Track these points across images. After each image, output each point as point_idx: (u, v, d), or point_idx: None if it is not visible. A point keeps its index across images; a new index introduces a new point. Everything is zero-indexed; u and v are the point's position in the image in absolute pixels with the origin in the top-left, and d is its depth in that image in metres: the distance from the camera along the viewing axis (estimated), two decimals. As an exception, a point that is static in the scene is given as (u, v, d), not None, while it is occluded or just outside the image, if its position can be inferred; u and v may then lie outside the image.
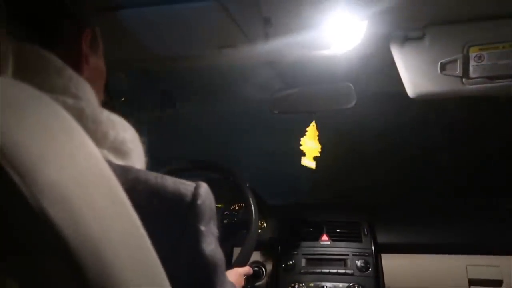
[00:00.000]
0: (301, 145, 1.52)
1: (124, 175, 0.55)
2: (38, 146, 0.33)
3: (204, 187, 0.61)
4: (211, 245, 0.60)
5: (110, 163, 0.57)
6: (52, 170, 0.33)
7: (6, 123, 0.32)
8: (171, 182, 0.58)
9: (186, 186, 0.59)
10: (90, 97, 0.61)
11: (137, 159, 0.64)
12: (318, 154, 1.51)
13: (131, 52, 1.27)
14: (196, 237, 0.58)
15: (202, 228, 0.58)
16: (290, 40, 1.08)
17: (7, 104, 0.33)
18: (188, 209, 0.58)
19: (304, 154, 1.52)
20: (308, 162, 1.51)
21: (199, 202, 0.58)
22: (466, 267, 1.66)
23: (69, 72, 0.59)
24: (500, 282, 1.62)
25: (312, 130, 1.52)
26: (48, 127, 0.36)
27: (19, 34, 0.58)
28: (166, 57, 1.35)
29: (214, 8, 0.94)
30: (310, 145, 1.50)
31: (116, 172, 0.54)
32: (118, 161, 0.59)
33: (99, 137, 0.57)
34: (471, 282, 1.64)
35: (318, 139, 1.53)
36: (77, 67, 0.63)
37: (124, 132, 0.62)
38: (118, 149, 0.60)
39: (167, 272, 0.46)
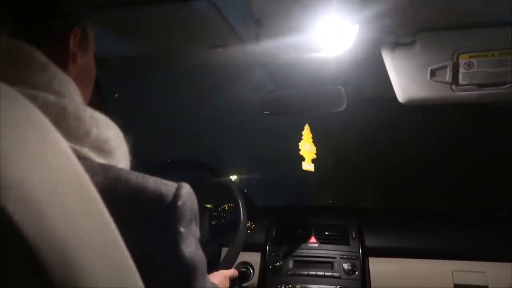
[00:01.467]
0: (299, 150, 1.52)
1: (105, 173, 0.55)
2: (5, 145, 0.33)
3: (185, 188, 0.60)
4: (190, 247, 0.59)
5: (91, 162, 0.56)
6: (17, 169, 0.33)
7: None
8: (152, 182, 0.58)
9: (167, 186, 0.58)
10: (74, 94, 0.61)
11: (121, 158, 0.63)
12: (315, 156, 1.52)
13: (124, 50, 1.27)
14: (175, 239, 0.57)
15: (182, 229, 0.58)
16: (281, 42, 1.09)
17: None
18: (168, 209, 0.57)
19: (303, 159, 1.52)
20: (308, 166, 1.51)
21: (179, 203, 0.57)
22: (452, 273, 1.66)
23: (53, 69, 0.59)
24: (485, 288, 1.63)
25: (307, 133, 1.53)
26: (17, 125, 0.36)
27: (6, 29, 0.58)
28: (159, 55, 1.35)
29: (207, 8, 0.94)
30: (307, 149, 1.51)
31: (96, 170, 0.53)
32: (101, 160, 0.59)
33: (81, 135, 0.57)
34: (457, 287, 1.65)
35: (313, 141, 1.53)
36: (63, 65, 0.62)
37: (108, 130, 0.61)
38: (100, 148, 0.59)
39: (145, 273, 0.45)
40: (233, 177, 1.74)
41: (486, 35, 1.04)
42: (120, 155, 0.63)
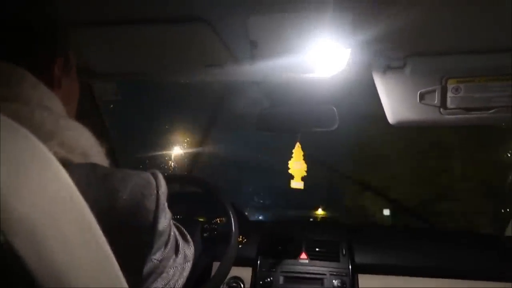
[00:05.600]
0: (289, 168, 1.53)
1: (93, 173, 0.59)
2: (11, 181, 0.34)
3: (159, 174, 0.67)
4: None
5: (79, 165, 0.60)
6: (23, 206, 0.34)
7: None
8: (135, 174, 0.64)
9: (148, 175, 0.65)
10: (59, 108, 0.67)
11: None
12: (305, 174, 1.53)
13: (122, 66, 1.29)
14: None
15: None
16: (275, 62, 1.11)
17: None
18: (156, 193, 0.64)
19: (292, 177, 1.53)
20: (296, 184, 1.52)
21: (161, 189, 0.65)
22: (440, 291, 1.68)
23: (42, 87, 0.65)
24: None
25: (297, 152, 1.54)
26: (21, 160, 0.37)
27: None
28: (156, 72, 1.37)
29: (203, 29, 0.96)
30: (297, 167, 1.52)
31: (84, 170, 0.57)
32: None
33: (73, 145, 0.61)
34: (446, 305, 1.66)
35: (304, 158, 1.54)
36: (50, 89, 0.68)
37: (90, 139, 0.67)
38: (86, 154, 0.64)
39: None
40: (225, 191, 1.74)
41: (473, 61, 1.07)
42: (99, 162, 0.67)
